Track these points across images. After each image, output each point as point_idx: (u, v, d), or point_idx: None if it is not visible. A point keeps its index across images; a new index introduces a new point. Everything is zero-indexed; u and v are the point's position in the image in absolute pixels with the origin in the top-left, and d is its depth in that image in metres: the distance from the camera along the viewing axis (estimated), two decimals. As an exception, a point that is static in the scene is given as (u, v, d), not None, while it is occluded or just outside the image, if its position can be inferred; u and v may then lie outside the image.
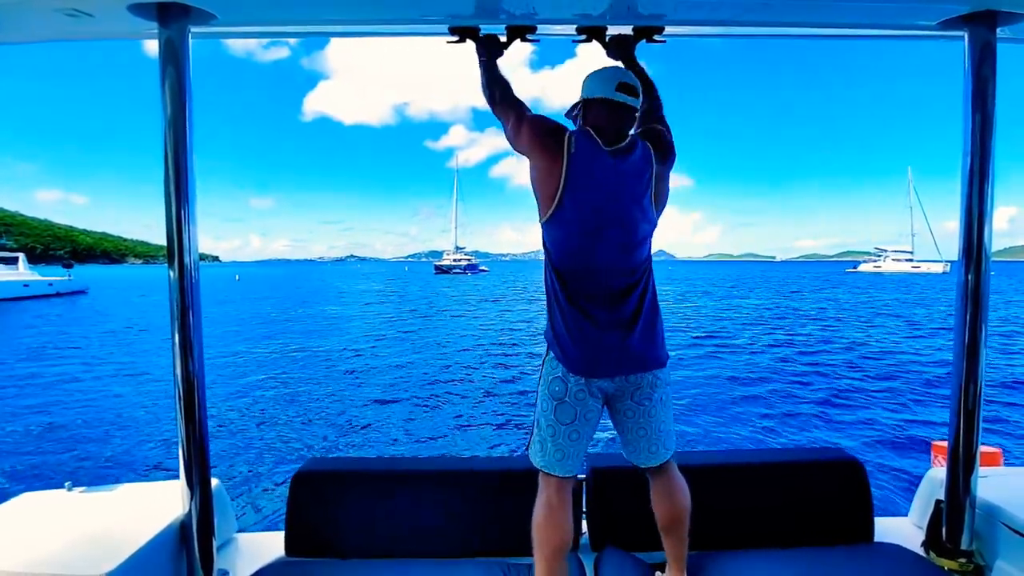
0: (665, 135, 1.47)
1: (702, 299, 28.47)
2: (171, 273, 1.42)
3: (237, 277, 75.74)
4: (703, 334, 15.01)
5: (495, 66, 1.60)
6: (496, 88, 1.54)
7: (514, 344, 13.85)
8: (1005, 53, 1.52)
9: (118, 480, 2.15)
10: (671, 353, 1.47)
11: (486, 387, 9.09)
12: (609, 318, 1.34)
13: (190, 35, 1.45)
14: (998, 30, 1.48)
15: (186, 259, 1.43)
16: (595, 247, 1.32)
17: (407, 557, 1.66)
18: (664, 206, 1.41)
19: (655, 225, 1.39)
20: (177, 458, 1.47)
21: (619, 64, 1.57)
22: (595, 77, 1.41)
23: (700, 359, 11.32)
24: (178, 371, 1.44)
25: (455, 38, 1.65)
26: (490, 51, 1.63)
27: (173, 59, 1.41)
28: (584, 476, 1.75)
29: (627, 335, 1.34)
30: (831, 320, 18.82)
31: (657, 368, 1.39)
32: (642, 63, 1.66)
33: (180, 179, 1.42)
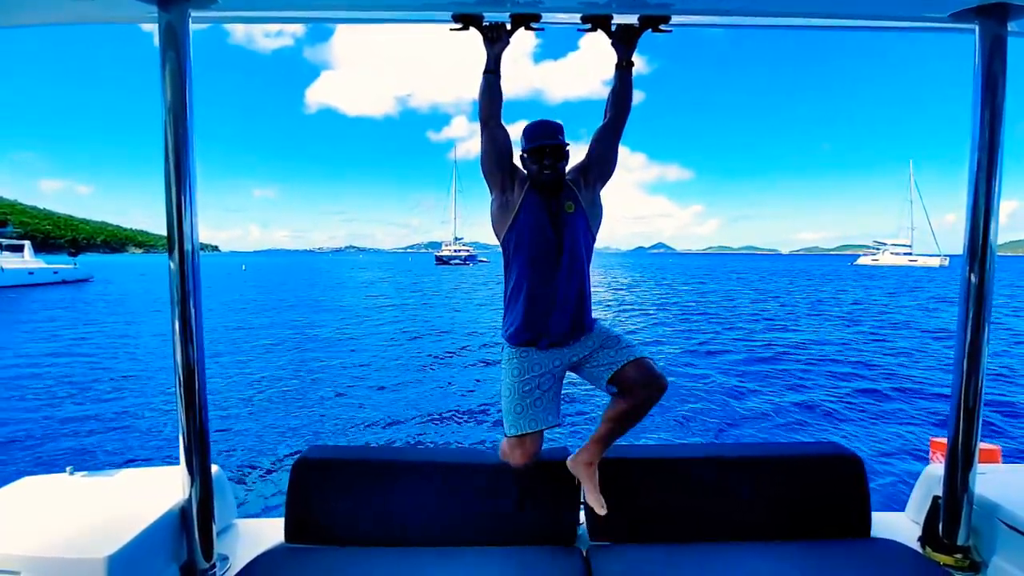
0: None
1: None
2: (171, 262, 1.42)
3: (244, 267, 75.45)
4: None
5: (498, 75, 1.65)
6: (489, 107, 1.65)
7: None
8: (1016, 48, 1.50)
9: (119, 465, 2.15)
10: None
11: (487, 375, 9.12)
12: None
13: (190, 19, 1.42)
14: (1009, 24, 1.46)
15: (186, 247, 1.42)
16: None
17: (406, 546, 1.67)
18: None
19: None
20: (178, 444, 1.48)
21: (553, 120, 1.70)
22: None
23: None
24: (178, 358, 1.44)
25: (458, 25, 1.63)
26: (495, 43, 1.63)
27: (173, 44, 1.39)
28: None
29: None
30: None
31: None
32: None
33: (180, 167, 1.41)
